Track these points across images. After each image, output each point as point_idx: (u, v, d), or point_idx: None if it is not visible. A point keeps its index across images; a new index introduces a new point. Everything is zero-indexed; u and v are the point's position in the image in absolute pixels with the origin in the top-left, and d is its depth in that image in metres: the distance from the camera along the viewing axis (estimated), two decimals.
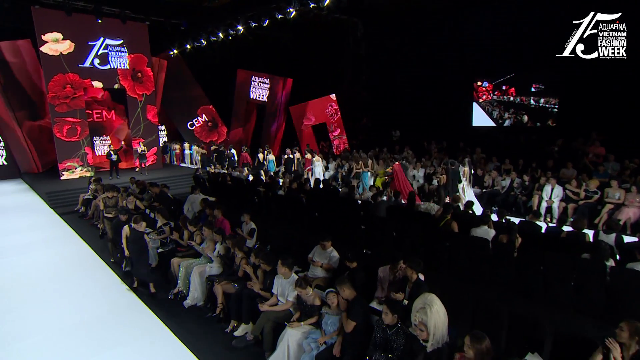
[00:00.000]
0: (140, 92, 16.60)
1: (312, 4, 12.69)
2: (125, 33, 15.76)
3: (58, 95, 14.55)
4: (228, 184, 11.97)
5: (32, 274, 7.00)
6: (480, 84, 15.72)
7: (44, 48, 14.14)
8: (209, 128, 21.19)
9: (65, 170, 14.95)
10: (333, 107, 19.00)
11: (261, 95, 20.10)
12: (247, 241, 7.10)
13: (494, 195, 10.49)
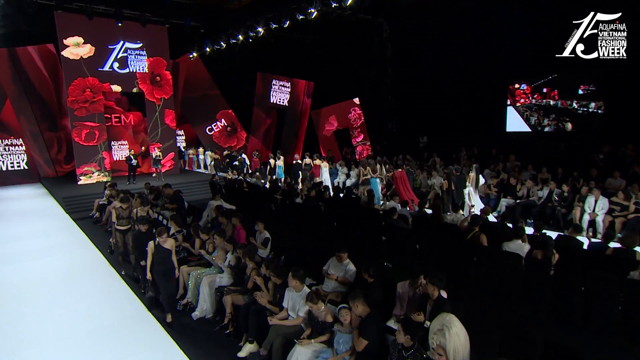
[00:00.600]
0: (159, 96, 17.06)
1: (334, 4, 12.71)
2: (144, 36, 16.29)
3: (77, 99, 15.13)
4: (244, 190, 12.05)
5: (42, 281, 7.18)
6: (517, 87, 15.21)
7: (65, 52, 14.77)
8: (228, 133, 21.50)
9: (82, 175, 15.47)
10: (356, 112, 18.94)
11: (282, 99, 20.25)
12: (261, 251, 7.09)
13: (529, 207, 10.08)
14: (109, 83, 15.77)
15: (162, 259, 5.78)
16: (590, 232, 8.75)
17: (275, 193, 10.82)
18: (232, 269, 5.99)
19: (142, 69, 16.52)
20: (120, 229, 7.76)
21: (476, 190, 10.09)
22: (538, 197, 10.22)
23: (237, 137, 21.72)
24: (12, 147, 17.32)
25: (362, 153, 19.28)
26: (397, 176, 11.09)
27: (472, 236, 6.44)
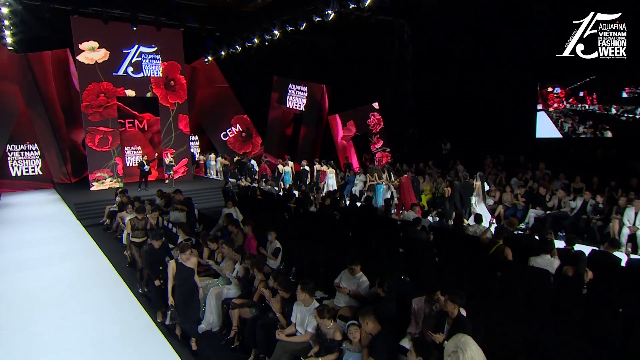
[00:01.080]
0: (173, 101, 17.36)
1: (352, 5, 12.69)
2: (159, 40, 16.65)
3: (91, 104, 15.53)
4: (258, 198, 12.06)
5: (49, 290, 7.29)
6: (550, 90, 14.73)
7: (80, 57, 15.22)
8: (243, 139, 21.68)
9: (95, 180, 15.82)
10: (375, 117, 18.81)
11: (298, 104, 20.30)
12: (271, 262, 7.03)
13: (561, 219, 9.73)
14: (123, 87, 16.15)
15: (184, 280, 5.20)
16: (630, 248, 8.35)
17: (289, 201, 10.79)
18: (240, 281, 5.94)
19: (157, 74, 16.86)
20: (135, 241, 7.58)
21: (481, 198, 10.15)
22: (570, 209, 9.86)
23: (253, 142, 21.87)
24: (27, 153, 17.89)
25: (381, 160, 19.11)
26: (403, 182, 11.22)
27: (495, 249, 6.22)
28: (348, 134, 19.65)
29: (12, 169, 17.67)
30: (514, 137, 15.59)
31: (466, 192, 10.41)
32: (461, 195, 10.45)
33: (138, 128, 18.07)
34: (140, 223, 7.62)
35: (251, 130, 21.74)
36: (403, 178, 11.47)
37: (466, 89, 16.70)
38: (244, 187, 13.41)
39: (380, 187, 12.27)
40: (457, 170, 13.47)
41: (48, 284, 7.53)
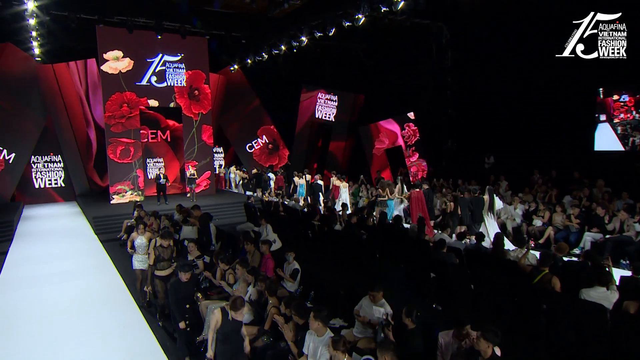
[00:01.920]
0: (196, 111, 17.78)
1: (384, 8, 12.62)
2: (184, 48, 17.17)
3: (114, 114, 16.13)
4: (280, 214, 12.03)
5: (59, 307, 7.46)
6: (617, 98, 13.90)
7: (104, 67, 15.91)
8: (270, 151, 21.89)
9: (115, 193, 16.32)
10: (411, 128, 18.58)
11: (328, 114, 20.36)
12: (289, 284, 6.91)
13: (624, 244, 9.06)
14: (146, 97, 16.70)
15: (231, 333, 4.69)
16: None
17: (314, 218, 10.69)
18: (252, 305, 5.83)
19: (180, 83, 17.35)
20: (160, 274, 6.64)
21: (491, 214, 10.30)
22: (636, 232, 9.19)
23: (279, 155, 22.03)
24: (51, 164, 18.75)
25: (416, 174, 18.79)
26: (414, 197, 11.38)
27: (540, 279, 5.82)
28: (381, 146, 19.50)
29: (36, 180, 18.54)
30: (567, 150, 14.83)
31: (477, 207, 10.40)
32: (472, 210, 10.44)
33: (161, 139, 18.56)
34: (166, 252, 6.63)
35: (278, 142, 21.92)
36: (414, 192, 11.61)
37: (512, 97, 16.14)
38: (266, 202, 13.42)
39: (392, 203, 12.37)
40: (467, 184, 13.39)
41: (56, 301, 7.69)
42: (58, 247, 11.62)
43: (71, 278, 8.95)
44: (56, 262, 10.19)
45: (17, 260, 10.41)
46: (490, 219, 10.19)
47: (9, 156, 16.61)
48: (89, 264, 10.04)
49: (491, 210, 10.33)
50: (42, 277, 9.09)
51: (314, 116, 20.49)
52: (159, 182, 15.62)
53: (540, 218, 10.84)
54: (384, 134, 19.36)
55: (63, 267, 9.77)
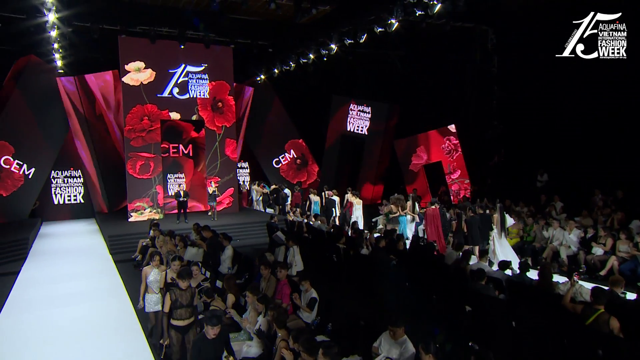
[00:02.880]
0: (220, 124, 18.12)
1: (419, 12, 12.51)
2: (207, 58, 17.63)
3: (134, 128, 16.66)
4: (304, 236, 11.97)
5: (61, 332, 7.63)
6: None
7: (125, 78, 16.53)
8: (298, 166, 22.00)
9: (133, 211, 16.75)
10: (452, 142, 18.32)
11: (360, 126, 20.34)
12: (305, 314, 6.79)
13: None
14: (167, 110, 17.18)
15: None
16: None
17: (339, 240, 10.55)
18: (261, 337, 5.73)
19: (203, 95, 17.78)
20: (177, 324, 5.76)
21: (502, 234, 10.71)
22: None
23: (308, 171, 22.10)
24: (71, 179, 19.53)
25: (458, 193, 18.37)
26: (429, 214, 11.84)
27: (595, 319, 5.43)
28: (418, 162, 19.33)
29: (55, 196, 19.33)
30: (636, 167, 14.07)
31: (485, 225, 10.98)
32: (480, 228, 10.95)
33: (182, 154, 19.00)
34: (185, 296, 5.75)
35: (307, 157, 22.00)
36: (429, 209, 11.97)
37: (569, 106, 15.54)
38: (290, 223, 13.40)
39: (404, 219, 12.81)
40: (595, 205, 13.30)
41: (61, 326, 7.87)
42: (71, 267, 11.95)
43: (79, 301, 9.15)
44: (67, 283, 10.46)
45: (27, 281, 10.77)
46: (501, 239, 10.65)
47: (28, 171, 17.39)
48: (100, 286, 10.26)
49: (502, 229, 10.79)
50: (50, 299, 9.34)
51: (346, 129, 20.53)
52: (179, 199, 15.91)
53: (600, 246, 10.27)
54: (422, 148, 19.22)
55: (73, 288, 10.01)
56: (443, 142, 18.43)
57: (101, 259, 12.80)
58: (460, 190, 18.28)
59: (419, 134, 19.13)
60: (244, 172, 22.54)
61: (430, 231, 11.65)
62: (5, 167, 16.89)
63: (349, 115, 20.39)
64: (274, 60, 18.71)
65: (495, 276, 7.57)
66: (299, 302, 6.91)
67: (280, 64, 18.49)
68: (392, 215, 12.69)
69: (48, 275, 11.22)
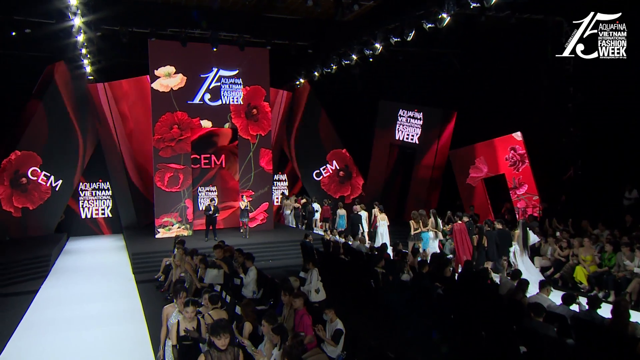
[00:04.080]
0: (254, 133, 18.38)
1: (474, 4, 12.19)
2: (241, 61, 18.00)
3: (164, 137, 17.20)
4: (340, 257, 11.83)
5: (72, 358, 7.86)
6: None
7: (155, 84, 17.14)
8: (340, 179, 21.92)
9: (161, 227, 17.20)
10: (517, 152, 17.77)
11: (411, 135, 20.14)
12: (330, 348, 6.63)
13: None
14: (198, 118, 17.64)
15: None
16: None
17: (378, 264, 10.33)
18: None
19: (237, 100, 18.13)
20: None
21: (524, 250, 11.40)
22: None
23: (352, 184, 21.99)
24: (99, 192, 20.38)
25: (525, 211, 17.64)
26: (457, 229, 12.41)
27: None
28: (478, 175, 18.88)
29: (82, 210, 20.22)
30: None
31: (504, 241, 11.80)
32: (497, 244, 11.79)
33: (214, 165, 19.38)
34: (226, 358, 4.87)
35: (351, 169, 21.91)
36: (456, 225, 12.57)
37: None
38: (326, 242, 13.30)
39: (427, 236, 13.50)
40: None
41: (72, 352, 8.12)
42: (91, 286, 12.39)
43: (94, 325, 9.41)
44: (84, 304, 10.83)
45: (44, 301, 11.23)
46: (524, 257, 11.31)
47: (55, 183, 18.29)
48: (118, 308, 10.55)
49: (525, 247, 11.43)
50: (64, 321, 9.68)
51: (394, 137, 20.36)
52: (208, 213, 16.16)
53: None
54: (481, 159, 18.73)
55: (89, 310, 10.35)
56: (507, 153, 17.88)
57: (123, 279, 13.17)
58: (527, 208, 17.57)
59: (479, 143, 18.67)
60: (282, 185, 22.67)
61: (460, 248, 12.24)
62: (32, 179, 17.81)
63: (397, 122, 20.20)
64: (313, 62, 18.86)
65: (558, 312, 7.09)
66: (322, 334, 6.74)
67: (320, 66, 18.59)
68: (413, 231, 13.39)
69: (66, 295, 11.66)
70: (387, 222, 15.09)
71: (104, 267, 14.61)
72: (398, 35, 14.64)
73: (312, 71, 19.26)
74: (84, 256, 16.33)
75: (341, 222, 17.12)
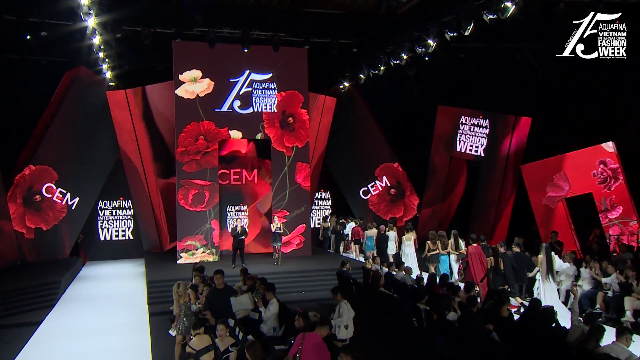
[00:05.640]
0: (290, 145, 18.54)
1: None
2: (276, 63, 18.26)
3: (188, 150, 17.62)
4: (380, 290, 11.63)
5: None
6: None
7: (179, 90, 17.63)
8: (392, 197, 21.78)
9: (184, 251, 17.54)
10: (609, 167, 17.17)
11: (475, 146, 19.83)
12: None
13: None
14: (227, 128, 17.97)
15: None
16: None
17: (421, 299, 10.09)
18: None
19: (271, 108, 18.36)
20: None
21: (548, 277, 11.98)
22: None
23: (405, 203, 21.82)
24: (120, 211, 21.10)
25: (619, 238, 16.80)
26: (472, 252, 13.23)
27: None
28: (557, 194, 18.39)
29: (102, 231, 20.98)
30: None
31: (521, 265, 12.73)
32: (514, 268, 12.64)
33: (246, 181, 19.64)
34: None
35: (404, 186, 21.72)
36: (471, 248, 13.32)
37: None
38: (366, 271, 13.16)
39: (446, 259, 14.69)
40: None
41: None
42: (100, 318, 12.74)
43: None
44: (87, 338, 11.18)
45: (46, 334, 11.62)
46: (548, 283, 11.93)
47: (72, 200, 19.09)
48: (124, 344, 10.81)
49: (550, 272, 11.99)
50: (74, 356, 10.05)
51: (455, 149, 20.07)
52: (237, 237, 16.28)
53: None
54: (562, 175, 18.24)
55: (93, 346, 10.65)
56: (595, 167, 17.30)
57: (136, 310, 13.49)
58: (622, 235, 16.81)
59: (558, 156, 18.14)
60: (324, 204, 22.71)
61: (475, 272, 13.07)
62: (47, 197, 18.68)
63: (459, 131, 19.93)
64: (359, 62, 18.88)
65: None
66: None
67: (367, 67, 18.60)
68: (431, 253, 14.43)
69: (70, 328, 12.04)
70: (413, 242, 15.62)
71: (118, 296, 15.03)
72: (454, 30, 14.50)
73: (358, 73, 19.29)
74: (98, 283, 16.89)
75: (369, 244, 17.62)
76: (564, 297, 12.80)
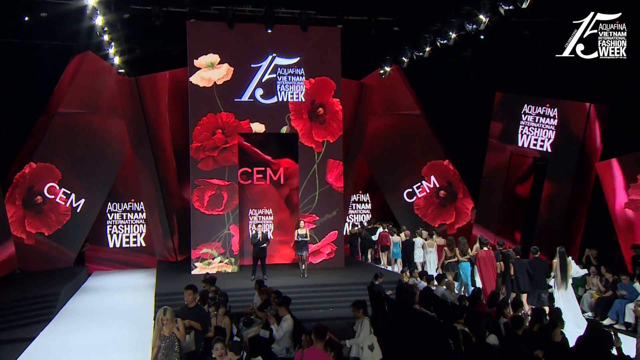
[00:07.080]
0: (320, 139, 18.54)
1: None
2: (304, 46, 18.29)
3: (204, 145, 17.82)
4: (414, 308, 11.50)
5: None
6: None
7: (194, 78, 17.87)
8: (441, 201, 21.60)
9: (199, 260, 17.74)
10: None
11: (541, 140, 19.31)
12: None
13: None
14: (248, 120, 18.09)
15: None
16: None
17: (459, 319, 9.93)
18: None
19: (298, 97, 18.39)
20: None
21: (564, 282, 12.77)
22: None
23: (457, 207, 21.65)
24: (130, 215, 21.52)
25: None
26: (482, 257, 13.93)
27: None
28: None
29: (111, 237, 21.44)
30: None
31: (538, 271, 13.08)
32: (529, 274, 13.06)
33: (270, 181, 19.70)
34: None
35: (455, 187, 21.54)
36: (481, 252, 13.99)
37: None
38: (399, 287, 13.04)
39: (467, 266, 15.03)
40: None
41: None
42: (99, 335, 12.94)
43: None
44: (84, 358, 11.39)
45: (37, 352, 11.84)
46: (566, 289, 12.68)
47: (77, 202, 19.57)
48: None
49: (564, 278, 12.75)
50: None
51: (517, 144, 19.73)
52: (258, 244, 16.29)
53: None
54: None
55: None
56: None
57: (140, 326, 13.64)
58: None
59: None
60: (363, 208, 22.63)
61: (487, 279, 13.80)
62: (49, 198, 19.26)
63: (521, 122, 19.52)
64: (401, 43, 18.72)
65: None
66: None
67: (410, 49, 18.43)
68: (448, 260, 14.90)
69: (65, 346, 12.24)
70: (435, 248, 16.04)
71: (123, 311, 15.26)
72: (510, 2, 14.21)
73: (400, 56, 19.14)
74: (103, 296, 17.22)
75: (395, 251, 18.15)
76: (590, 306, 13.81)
